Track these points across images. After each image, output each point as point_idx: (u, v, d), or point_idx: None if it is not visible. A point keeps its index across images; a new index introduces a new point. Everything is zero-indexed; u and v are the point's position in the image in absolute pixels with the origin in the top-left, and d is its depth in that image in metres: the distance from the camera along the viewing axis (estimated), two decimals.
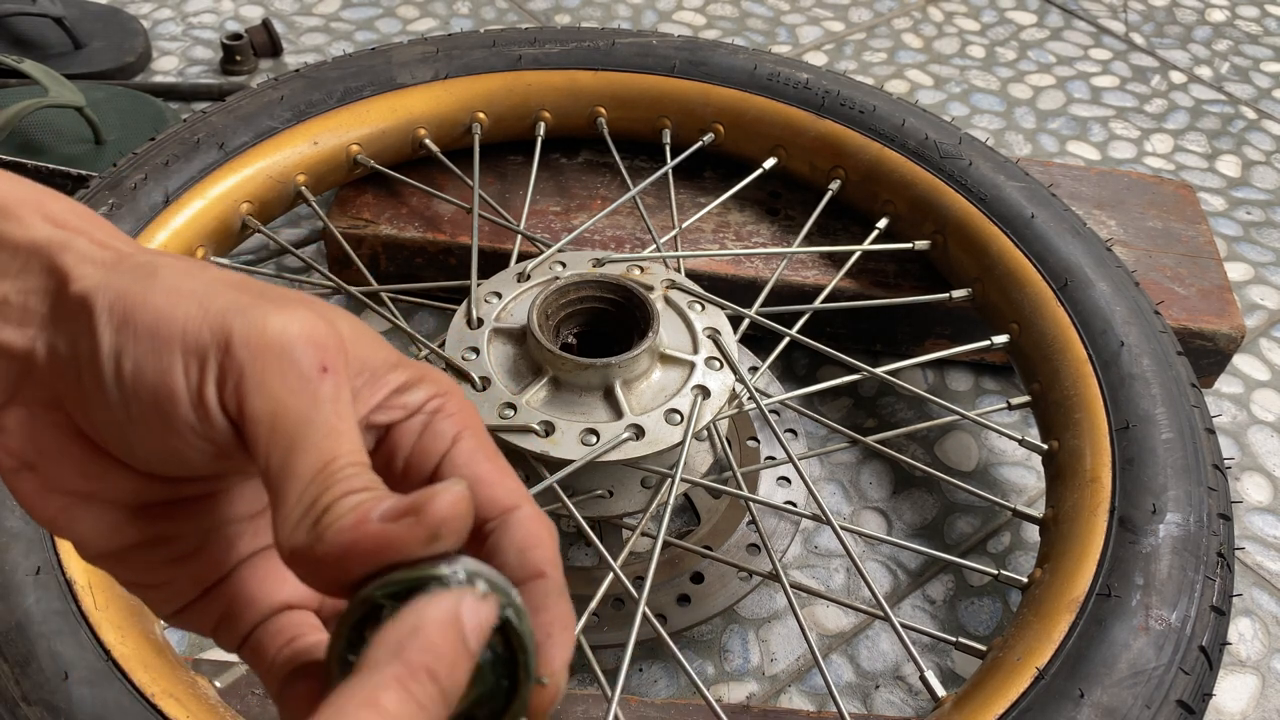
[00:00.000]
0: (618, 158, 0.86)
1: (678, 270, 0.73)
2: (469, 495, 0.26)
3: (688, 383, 0.63)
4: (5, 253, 0.28)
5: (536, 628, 0.26)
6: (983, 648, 0.61)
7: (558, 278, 0.66)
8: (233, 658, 0.67)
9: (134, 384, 0.27)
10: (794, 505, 0.70)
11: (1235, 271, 1.01)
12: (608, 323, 0.66)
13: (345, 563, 0.25)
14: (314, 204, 0.81)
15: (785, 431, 0.80)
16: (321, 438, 0.26)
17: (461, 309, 0.66)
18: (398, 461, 0.29)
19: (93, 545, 0.30)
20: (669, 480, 0.62)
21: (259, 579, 0.32)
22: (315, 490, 0.26)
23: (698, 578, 0.70)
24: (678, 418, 0.61)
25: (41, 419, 0.29)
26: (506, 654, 0.26)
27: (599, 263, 0.70)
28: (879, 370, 0.70)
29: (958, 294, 0.77)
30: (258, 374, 0.26)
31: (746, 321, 0.73)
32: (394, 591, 0.25)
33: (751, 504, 0.67)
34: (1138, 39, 1.31)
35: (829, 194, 0.84)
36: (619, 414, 0.61)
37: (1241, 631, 0.74)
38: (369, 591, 0.25)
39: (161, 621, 0.58)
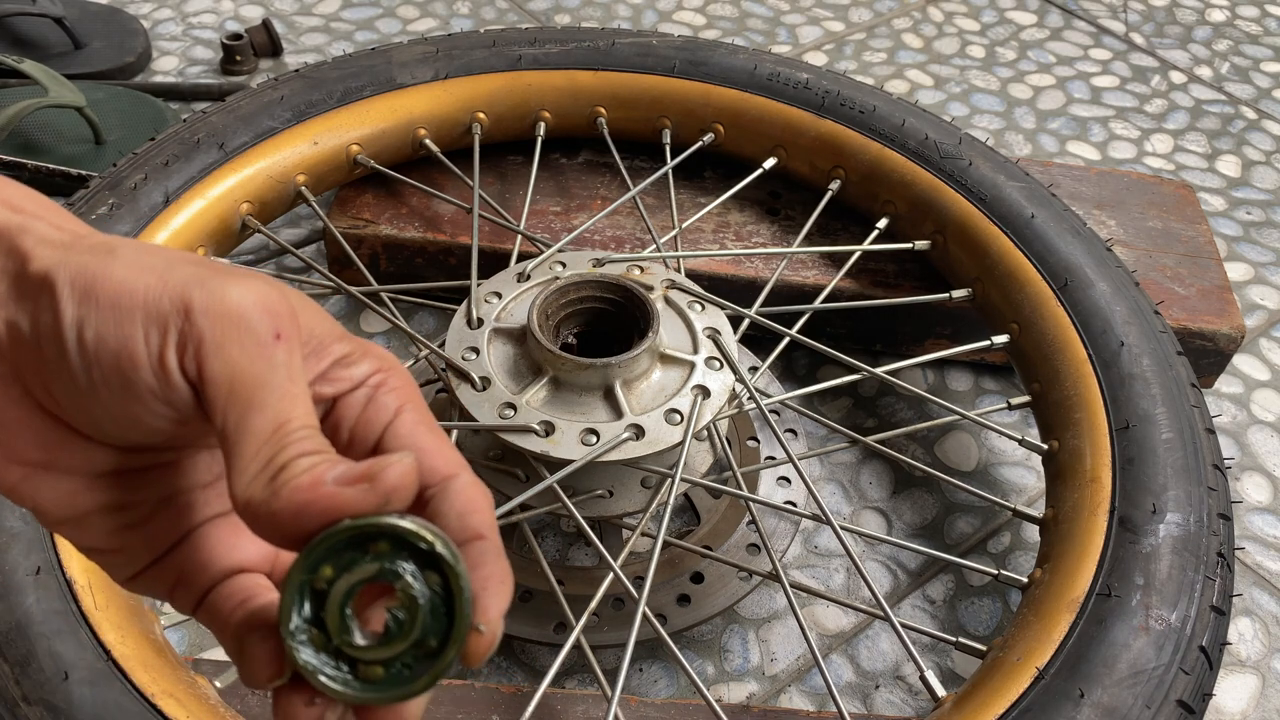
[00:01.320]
0: (618, 158, 0.86)
1: (678, 270, 0.73)
2: (416, 467, 0.28)
3: (688, 383, 0.63)
4: None
5: (475, 581, 0.28)
6: (983, 648, 0.61)
7: (558, 278, 0.66)
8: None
9: (96, 351, 0.28)
10: (794, 505, 0.70)
11: (1235, 271, 1.01)
12: (608, 323, 0.66)
13: (299, 519, 0.27)
14: (314, 204, 0.81)
15: (785, 431, 0.80)
16: (276, 400, 0.28)
17: (461, 309, 0.66)
18: (343, 432, 0.31)
19: (52, 512, 0.31)
20: (669, 480, 0.62)
21: (212, 543, 0.33)
22: (271, 449, 0.27)
23: (698, 578, 0.70)
24: (678, 418, 0.61)
25: (0, 394, 0.30)
26: (446, 597, 0.28)
27: (599, 263, 0.70)
28: (879, 370, 0.70)
29: (958, 294, 0.77)
30: (217, 339, 0.28)
31: (746, 321, 0.73)
32: (348, 538, 0.27)
33: (751, 504, 0.67)
34: (1138, 39, 1.31)
35: (829, 194, 0.84)
36: (619, 414, 0.61)
37: (1241, 631, 0.74)
38: (319, 541, 0.27)
39: (161, 621, 0.58)
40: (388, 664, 0.28)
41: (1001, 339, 0.74)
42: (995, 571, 0.64)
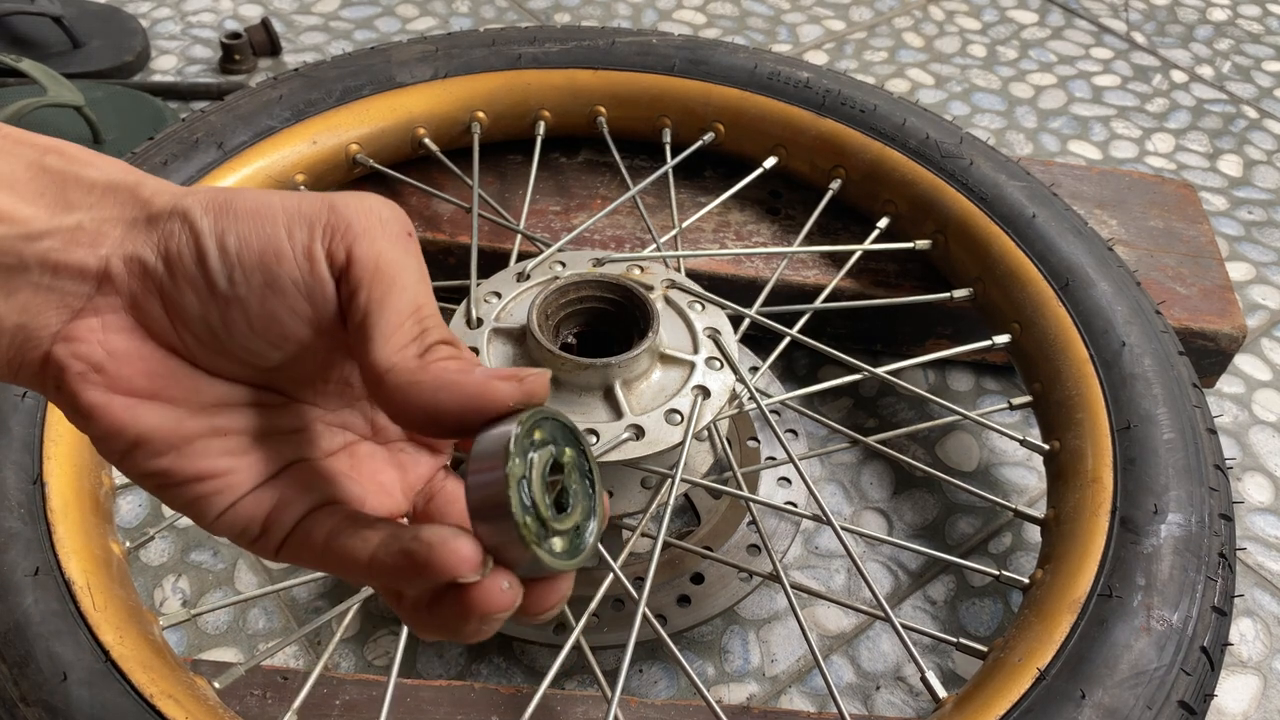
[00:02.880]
0: (618, 157, 0.85)
1: (678, 270, 0.73)
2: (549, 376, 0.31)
3: (688, 383, 0.63)
4: (81, 189, 0.32)
5: None
6: (984, 648, 0.60)
7: (557, 277, 0.66)
8: (231, 658, 0.67)
9: (239, 253, 0.31)
10: (794, 506, 0.70)
11: (1237, 271, 1.00)
12: (608, 323, 0.66)
13: (441, 394, 0.30)
14: None
15: (786, 432, 0.80)
16: (414, 283, 0.32)
17: (461, 309, 0.66)
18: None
19: (156, 439, 0.32)
20: (669, 480, 0.62)
21: (319, 469, 0.35)
22: (413, 326, 0.31)
23: (698, 578, 0.70)
24: (678, 418, 0.61)
25: (112, 325, 0.32)
26: (588, 475, 0.32)
27: (599, 262, 0.70)
28: (880, 370, 0.70)
29: (959, 294, 0.77)
30: (362, 228, 0.31)
31: (747, 321, 0.72)
32: (532, 424, 0.30)
33: (752, 504, 0.67)
34: (1139, 38, 1.31)
35: (830, 193, 0.83)
36: (619, 414, 0.61)
37: (1243, 632, 0.73)
38: (525, 427, 0.30)
39: (161, 622, 0.58)
40: (567, 534, 0.31)
41: (1003, 339, 0.74)
42: (996, 572, 0.64)
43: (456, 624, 0.30)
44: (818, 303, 0.78)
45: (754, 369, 0.75)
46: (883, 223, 0.82)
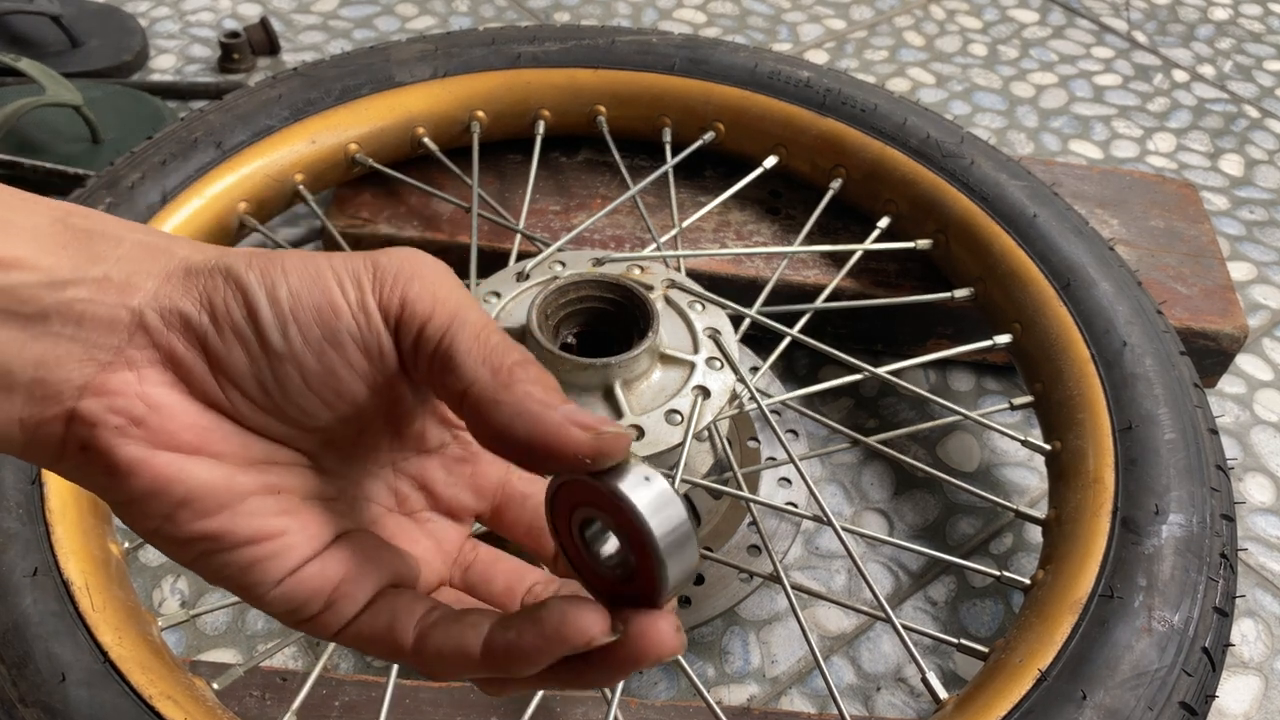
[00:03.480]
0: (618, 156, 0.85)
1: (678, 270, 0.73)
2: (631, 439, 0.31)
3: (688, 383, 0.63)
4: (108, 243, 0.30)
5: None
6: (985, 649, 0.60)
7: (557, 277, 0.66)
8: (230, 659, 0.67)
9: (294, 309, 0.30)
10: (795, 506, 0.70)
11: (1238, 271, 1.00)
12: (608, 323, 0.66)
13: (515, 421, 0.29)
14: (312, 203, 0.80)
15: (786, 432, 0.80)
16: (478, 309, 0.31)
17: None
18: None
19: (207, 494, 0.30)
20: (669, 481, 0.61)
21: (381, 543, 0.33)
22: (489, 339, 0.30)
23: (698, 579, 0.70)
24: (678, 418, 0.61)
25: (150, 379, 0.30)
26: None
27: (599, 262, 0.70)
28: (880, 370, 0.70)
29: (960, 294, 0.77)
30: (410, 273, 0.31)
31: (747, 321, 0.72)
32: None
33: (752, 505, 0.67)
34: (1140, 37, 1.31)
35: (830, 193, 0.83)
36: (619, 414, 0.60)
37: (1244, 633, 0.73)
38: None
39: (160, 622, 0.58)
40: None
41: (1004, 339, 0.74)
42: (997, 573, 0.64)
43: (604, 677, 0.30)
44: (818, 303, 0.77)
45: (754, 369, 0.75)
46: (883, 222, 0.82)
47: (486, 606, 0.34)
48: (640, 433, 0.60)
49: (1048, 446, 0.69)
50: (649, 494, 0.29)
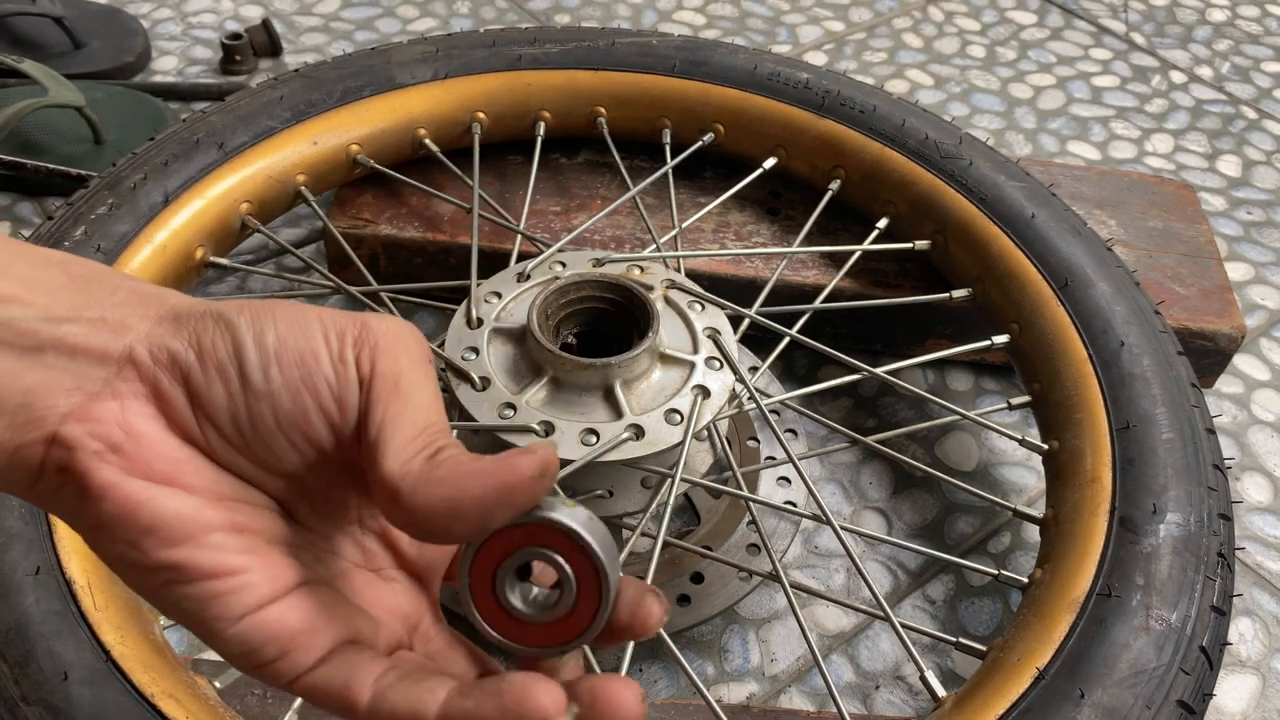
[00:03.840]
0: (618, 157, 0.85)
1: (678, 270, 0.73)
2: (555, 453, 0.31)
3: (688, 383, 0.63)
4: (105, 289, 0.32)
5: None
6: (983, 648, 0.61)
7: (557, 278, 0.66)
8: None
9: (278, 351, 0.32)
10: (794, 505, 0.70)
11: (1236, 271, 1.01)
12: (608, 323, 0.66)
13: (463, 482, 0.30)
14: (314, 204, 0.81)
15: (785, 431, 0.80)
16: (430, 402, 0.32)
17: (461, 309, 0.66)
18: None
19: (174, 524, 0.30)
20: (669, 480, 0.62)
21: (341, 598, 0.33)
22: (425, 438, 0.31)
23: (698, 578, 0.70)
24: (678, 418, 0.61)
25: (132, 410, 0.31)
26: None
27: (599, 262, 0.70)
28: (879, 370, 0.70)
29: (958, 294, 0.77)
30: (388, 346, 0.33)
31: (746, 321, 0.73)
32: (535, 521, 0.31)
33: (751, 504, 0.67)
34: (1138, 39, 1.31)
35: (829, 194, 0.84)
36: (619, 414, 0.61)
37: (1242, 631, 0.73)
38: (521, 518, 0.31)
39: (161, 621, 0.58)
40: None
41: (1002, 339, 0.74)
42: (995, 572, 0.64)
43: None
44: (817, 303, 0.78)
45: (754, 369, 0.76)
46: (882, 223, 0.82)
47: (445, 672, 0.33)
48: (640, 432, 0.60)
49: (1045, 446, 0.69)
50: (582, 516, 0.31)
